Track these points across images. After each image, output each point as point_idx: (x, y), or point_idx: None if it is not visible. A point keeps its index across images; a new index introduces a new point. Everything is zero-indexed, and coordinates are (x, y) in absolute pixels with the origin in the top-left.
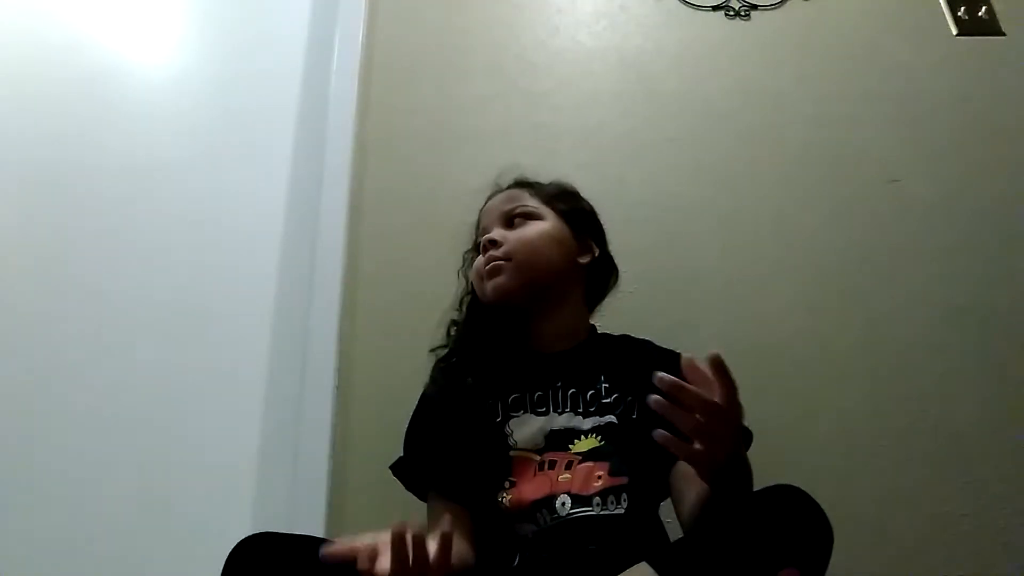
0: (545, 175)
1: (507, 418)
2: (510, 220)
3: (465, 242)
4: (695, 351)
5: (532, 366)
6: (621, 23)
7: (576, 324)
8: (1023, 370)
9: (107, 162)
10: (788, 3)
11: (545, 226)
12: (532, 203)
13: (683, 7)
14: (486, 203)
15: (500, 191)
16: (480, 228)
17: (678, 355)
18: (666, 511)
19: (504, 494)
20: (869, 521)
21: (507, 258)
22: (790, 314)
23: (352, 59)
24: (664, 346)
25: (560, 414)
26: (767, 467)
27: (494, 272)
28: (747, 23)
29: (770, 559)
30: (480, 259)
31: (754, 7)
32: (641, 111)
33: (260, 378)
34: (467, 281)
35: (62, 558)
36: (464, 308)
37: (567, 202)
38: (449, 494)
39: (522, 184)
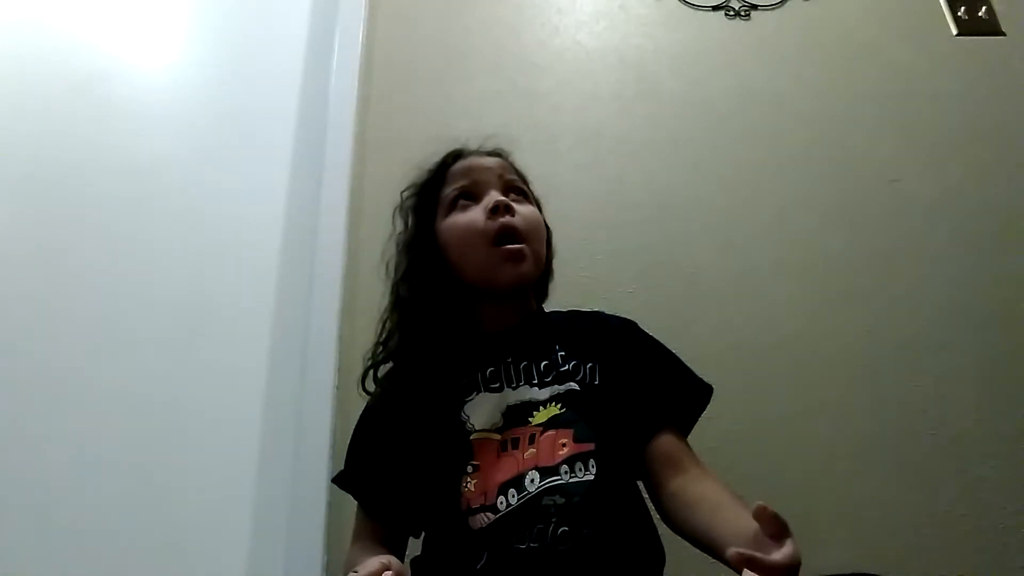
0: (545, 173)
1: (461, 404)
2: (507, 192)
3: None
4: (695, 351)
5: (479, 346)
6: (621, 23)
7: (523, 304)
8: (1023, 370)
9: (107, 162)
10: (788, 3)
11: (539, 214)
12: (521, 183)
13: (683, 7)
14: (466, 156)
15: (484, 152)
16: (467, 181)
17: (632, 323)
18: None
19: (468, 479)
20: (869, 521)
21: (524, 240)
22: (790, 314)
23: (352, 59)
24: (618, 315)
25: (515, 388)
26: (767, 466)
27: (520, 257)
28: (747, 23)
29: None
30: (488, 222)
31: (754, 7)
32: (641, 111)
33: (260, 378)
34: (406, 225)
35: (61, 558)
36: (407, 288)
37: (533, 191)
38: (382, 520)
39: (505, 157)
